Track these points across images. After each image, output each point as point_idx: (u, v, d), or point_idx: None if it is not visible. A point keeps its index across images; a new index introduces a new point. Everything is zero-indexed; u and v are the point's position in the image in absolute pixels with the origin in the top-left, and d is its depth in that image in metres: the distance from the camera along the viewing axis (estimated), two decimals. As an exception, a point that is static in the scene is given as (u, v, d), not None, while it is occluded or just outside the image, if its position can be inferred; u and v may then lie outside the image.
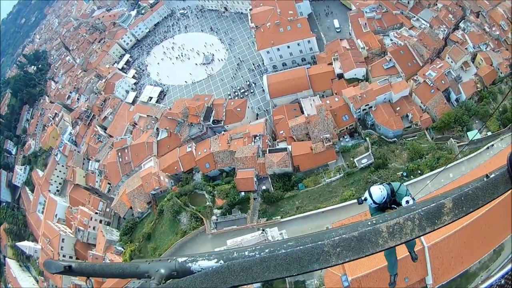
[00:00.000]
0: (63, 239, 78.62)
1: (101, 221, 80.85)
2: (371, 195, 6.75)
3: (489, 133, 62.97)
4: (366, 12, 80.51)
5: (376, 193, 6.70)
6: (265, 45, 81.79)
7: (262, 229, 52.38)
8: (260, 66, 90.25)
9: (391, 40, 76.27)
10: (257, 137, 66.99)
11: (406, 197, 6.60)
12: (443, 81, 67.20)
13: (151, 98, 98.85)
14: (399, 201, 6.77)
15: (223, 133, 73.20)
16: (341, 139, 68.50)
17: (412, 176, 58.18)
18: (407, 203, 6.41)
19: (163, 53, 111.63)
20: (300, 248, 2.50)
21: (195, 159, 70.65)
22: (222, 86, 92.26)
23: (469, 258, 42.77)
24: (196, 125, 75.79)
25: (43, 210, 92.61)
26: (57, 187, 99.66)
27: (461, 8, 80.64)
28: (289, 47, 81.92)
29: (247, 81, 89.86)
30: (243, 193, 63.20)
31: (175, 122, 77.86)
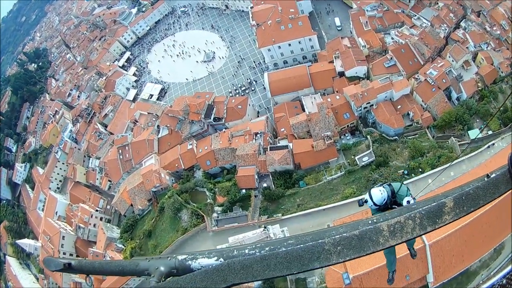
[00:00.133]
0: (63, 236, 78.43)
1: (101, 218, 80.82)
2: (371, 197, 6.72)
3: (490, 132, 63.03)
4: (367, 10, 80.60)
5: (377, 195, 6.66)
6: (266, 43, 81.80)
7: (264, 227, 52.34)
8: (261, 63, 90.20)
9: (392, 38, 76.37)
10: (258, 135, 67.03)
11: (407, 197, 6.58)
12: (444, 80, 67.28)
13: (151, 96, 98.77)
14: (400, 201, 6.75)
15: (224, 130, 73.16)
16: (342, 137, 68.45)
17: (413, 175, 58.22)
18: (408, 203, 6.35)
19: (164, 50, 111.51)
20: (301, 246, 2.49)
21: (196, 156, 70.64)
22: (223, 84, 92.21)
23: (470, 256, 42.82)
24: (197, 122, 75.78)
25: (43, 208, 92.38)
26: (58, 184, 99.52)
27: (462, 7, 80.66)
28: (290, 45, 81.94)
29: (248, 79, 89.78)
30: (244, 191, 63.27)
31: (176, 120, 77.83)
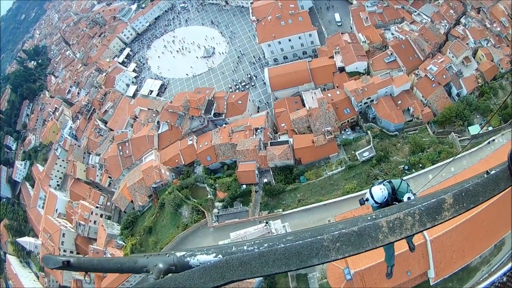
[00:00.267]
0: (63, 234, 78.41)
1: (101, 215, 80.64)
2: (372, 196, 6.79)
3: (490, 128, 63.06)
4: (367, 6, 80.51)
5: (377, 193, 6.72)
6: (266, 38, 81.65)
7: (265, 222, 52.28)
8: (261, 59, 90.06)
9: (392, 34, 76.28)
10: (258, 130, 66.87)
11: (407, 194, 6.68)
12: (444, 76, 67.23)
13: (151, 92, 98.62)
14: (400, 198, 6.83)
15: (224, 126, 72.96)
16: (343, 132, 68.49)
17: (414, 170, 58.23)
18: (409, 199, 6.34)
19: (164, 46, 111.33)
20: (300, 242, 2.48)
21: (196, 152, 70.53)
22: (223, 79, 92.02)
23: (470, 252, 42.83)
24: (197, 118, 75.61)
25: (43, 205, 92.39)
26: (58, 181, 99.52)
27: (462, 4, 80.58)
28: (290, 40, 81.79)
29: (248, 74, 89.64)
30: (244, 186, 63.16)
31: (176, 115, 77.68)
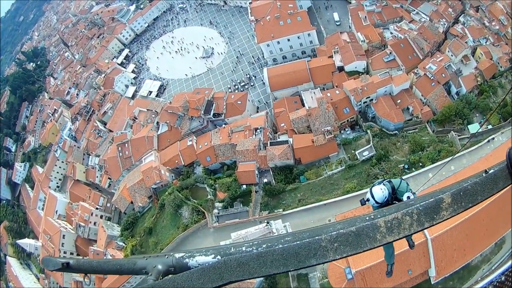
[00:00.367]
0: (63, 235, 78.28)
1: (101, 216, 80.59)
2: (373, 196, 6.91)
3: (490, 126, 63.10)
4: (366, 5, 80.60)
5: (378, 193, 6.86)
6: (265, 38, 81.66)
7: (266, 222, 52.17)
8: (260, 59, 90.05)
9: (391, 33, 76.32)
10: (258, 130, 66.79)
11: (407, 193, 6.75)
12: (443, 74, 67.20)
13: (150, 92, 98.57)
14: (400, 197, 6.93)
15: (223, 126, 72.87)
16: (342, 131, 68.38)
17: (414, 169, 58.25)
18: (408, 199, 6.42)
19: (163, 47, 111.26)
20: (297, 243, 2.47)
21: (196, 152, 70.45)
22: (222, 80, 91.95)
23: (471, 250, 42.74)
24: (197, 118, 75.59)
25: (43, 207, 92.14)
26: (57, 183, 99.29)
27: (460, 2, 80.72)
28: (289, 40, 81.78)
29: (247, 74, 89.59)
30: (244, 186, 63.10)
31: (175, 116, 77.62)
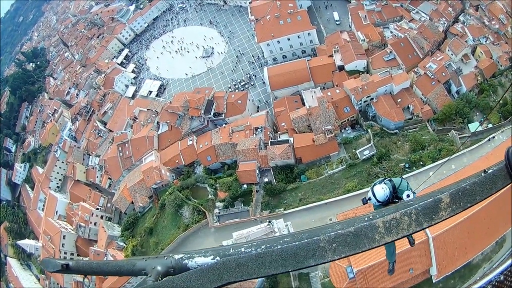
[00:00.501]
0: (64, 236, 78.27)
1: (102, 216, 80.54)
2: (374, 195, 7.03)
3: (490, 125, 63.15)
4: (366, 4, 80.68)
5: (379, 192, 7.00)
6: (265, 37, 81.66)
7: (268, 221, 52.07)
8: (260, 58, 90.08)
9: (391, 32, 76.36)
10: (258, 130, 66.74)
11: (407, 191, 6.85)
12: (443, 73, 67.30)
13: (151, 92, 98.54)
14: (400, 196, 7.04)
15: (224, 126, 72.86)
16: (343, 130, 68.37)
17: (414, 168, 58.29)
18: (408, 197, 6.67)
19: (163, 47, 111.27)
20: (296, 243, 2.48)
21: (197, 152, 70.38)
22: (222, 79, 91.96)
23: (472, 249, 42.75)
24: (197, 118, 75.50)
25: (43, 207, 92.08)
26: (57, 183, 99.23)
27: (460, 1, 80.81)
28: (289, 39, 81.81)
29: (247, 74, 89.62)
30: (245, 186, 63.10)
31: (175, 116, 77.54)
